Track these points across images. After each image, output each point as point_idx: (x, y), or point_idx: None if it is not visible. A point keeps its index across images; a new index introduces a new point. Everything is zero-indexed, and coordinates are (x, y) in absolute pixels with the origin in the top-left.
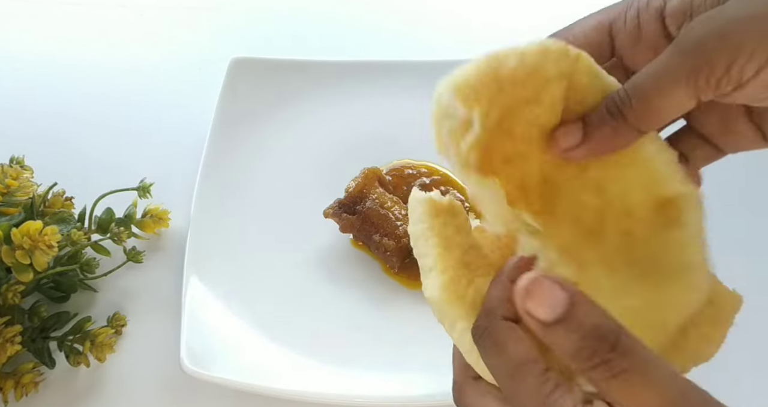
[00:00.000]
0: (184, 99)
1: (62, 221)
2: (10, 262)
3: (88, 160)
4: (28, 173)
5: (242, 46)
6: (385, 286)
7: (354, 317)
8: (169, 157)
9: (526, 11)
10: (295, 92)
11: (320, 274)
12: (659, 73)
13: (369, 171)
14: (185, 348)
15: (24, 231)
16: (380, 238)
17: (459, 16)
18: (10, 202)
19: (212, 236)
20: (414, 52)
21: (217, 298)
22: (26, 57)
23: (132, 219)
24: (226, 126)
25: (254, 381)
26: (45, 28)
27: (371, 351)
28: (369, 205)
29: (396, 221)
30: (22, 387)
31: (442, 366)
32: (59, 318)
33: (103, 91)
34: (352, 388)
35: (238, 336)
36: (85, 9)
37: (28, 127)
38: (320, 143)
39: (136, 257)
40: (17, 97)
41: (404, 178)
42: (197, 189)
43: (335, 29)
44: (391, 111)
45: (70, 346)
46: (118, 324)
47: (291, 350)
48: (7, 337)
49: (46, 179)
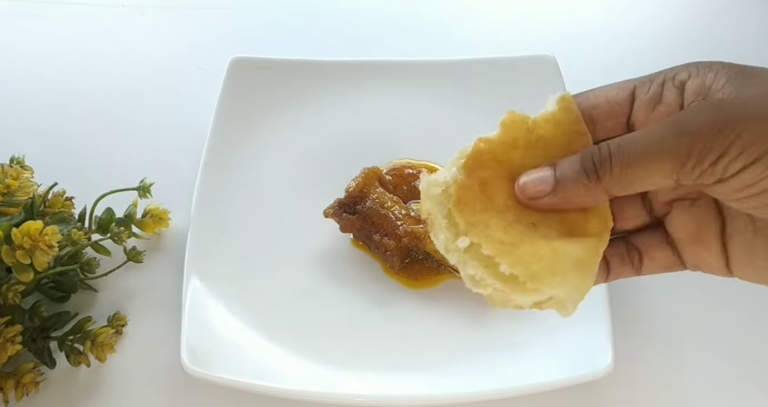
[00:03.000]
0: (184, 99)
1: (62, 221)
2: (10, 262)
3: (88, 160)
4: (28, 173)
5: (242, 46)
6: (385, 286)
7: (354, 317)
8: (169, 157)
9: (526, 11)
10: (295, 92)
11: (320, 274)
12: (649, 146)
13: (369, 171)
14: (185, 347)
15: (24, 231)
16: (380, 238)
17: (459, 16)
18: (10, 202)
19: (212, 236)
20: (414, 52)
21: (217, 298)
22: (26, 57)
23: (132, 219)
24: (226, 126)
25: (254, 380)
26: (45, 28)
27: (371, 351)
28: (369, 205)
29: (396, 221)
30: (23, 386)
31: (442, 365)
32: (59, 318)
33: (103, 91)
34: (352, 388)
35: (238, 335)
36: (85, 9)
37: (28, 127)
38: (320, 142)
39: (136, 257)
40: (17, 97)
41: (404, 178)
42: (197, 189)
43: (335, 29)
44: (391, 111)
45: (70, 346)
46: (118, 323)
47: (291, 350)
48: (8, 337)
49: (46, 179)
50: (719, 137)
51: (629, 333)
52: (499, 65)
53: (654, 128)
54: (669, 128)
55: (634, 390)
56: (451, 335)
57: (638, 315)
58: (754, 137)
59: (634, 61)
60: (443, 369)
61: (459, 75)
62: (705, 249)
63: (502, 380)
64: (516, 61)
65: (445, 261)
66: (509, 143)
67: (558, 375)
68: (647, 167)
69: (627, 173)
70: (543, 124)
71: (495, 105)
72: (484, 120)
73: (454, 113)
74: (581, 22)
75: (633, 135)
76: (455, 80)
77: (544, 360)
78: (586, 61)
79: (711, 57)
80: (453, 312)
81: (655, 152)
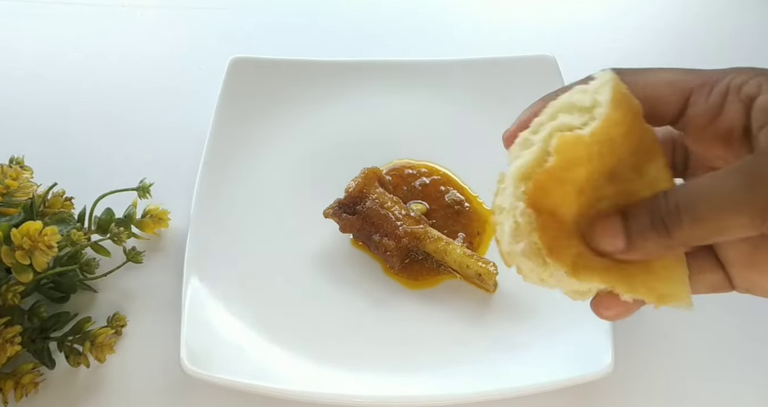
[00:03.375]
0: (184, 99)
1: (62, 222)
2: (9, 262)
3: (88, 160)
4: (27, 173)
5: (242, 46)
6: (385, 286)
7: (353, 317)
8: (169, 157)
9: (526, 11)
10: (295, 92)
11: (320, 274)
12: (721, 201)
13: (369, 171)
14: (185, 348)
15: (24, 231)
16: (380, 238)
17: (459, 16)
18: (10, 202)
19: (212, 236)
20: (414, 52)
21: (217, 298)
22: (26, 57)
23: (132, 219)
24: (226, 126)
25: (254, 381)
26: (45, 28)
27: (371, 351)
28: (369, 205)
29: (396, 221)
30: (22, 387)
31: (442, 366)
32: (59, 319)
33: (102, 91)
34: (352, 388)
35: (238, 336)
36: (85, 9)
37: (27, 127)
38: (320, 142)
39: (136, 257)
40: (17, 97)
41: (404, 178)
42: (197, 189)
43: (335, 29)
44: (391, 111)
45: (70, 346)
46: (118, 324)
47: (291, 350)
48: (7, 337)
49: (45, 179)
50: None
51: (629, 333)
52: (499, 65)
53: (723, 177)
54: (741, 179)
55: (634, 390)
56: (451, 335)
57: (638, 315)
58: None
59: (634, 61)
60: (443, 369)
61: (459, 75)
62: (759, 273)
63: (502, 380)
64: (516, 61)
65: (445, 262)
66: (569, 163)
67: (558, 375)
68: (721, 222)
69: (699, 227)
70: (600, 133)
71: (495, 105)
72: (484, 120)
73: (454, 113)
74: (581, 22)
75: (701, 184)
76: (455, 80)
77: (544, 360)
78: (586, 61)
79: (711, 57)
80: (453, 312)
81: (729, 208)
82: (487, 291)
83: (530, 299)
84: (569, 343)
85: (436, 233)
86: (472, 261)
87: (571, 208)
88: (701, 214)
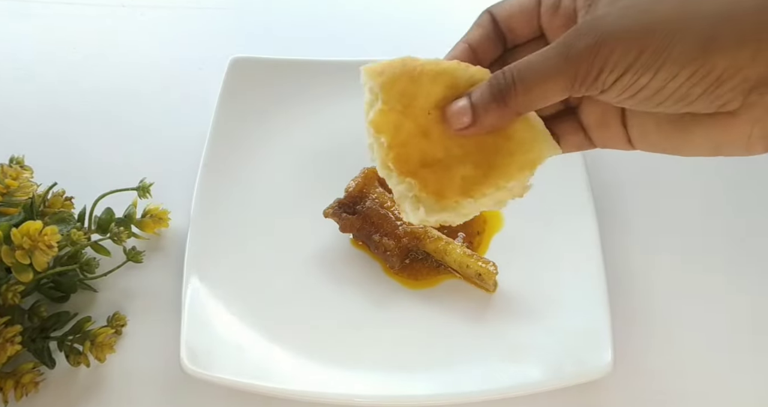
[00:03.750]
0: (184, 99)
1: (62, 221)
2: (10, 262)
3: (88, 160)
4: (27, 173)
5: (242, 46)
6: (385, 286)
7: (354, 317)
8: (169, 157)
9: None
10: (295, 92)
11: (320, 274)
12: (542, 70)
13: (369, 171)
14: (185, 348)
15: (24, 231)
16: (380, 238)
17: (459, 16)
18: (10, 202)
19: (212, 236)
20: (414, 53)
21: (217, 298)
22: (26, 57)
23: (132, 219)
24: (226, 126)
25: (254, 381)
26: (45, 28)
27: (371, 351)
28: (369, 205)
29: (396, 221)
30: (22, 387)
31: (442, 365)
32: (59, 318)
33: (102, 91)
34: (352, 388)
35: (238, 336)
36: (85, 9)
37: (27, 127)
38: (320, 142)
39: (136, 257)
40: (17, 97)
41: None
42: (197, 189)
43: (335, 29)
44: None
45: (70, 346)
46: (118, 323)
47: (291, 350)
48: (7, 337)
49: (46, 179)
50: (597, 58)
51: (629, 333)
52: None
53: (545, 53)
54: (557, 51)
55: (634, 390)
56: (451, 335)
57: (638, 315)
58: (622, 51)
59: None
60: (443, 369)
61: None
62: (610, 131)
63: (502, 380)
64: None
65: (445, 261)
66: (396, 130)
67: (558, 375)
68: (544, 89)
69: (528, 94)
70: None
71: None
72: None
73: None
74: None
75: (529, 60)
76: None
77: (544, 360)
78: None
79: None
80: (453, 311)
81: (549, 76)
82: (487, 291)
83: (530, 300)
84: (569, 343)
85: (435, 233)
86: (472, 261)
87: (433, 149)
88: (529, 83)
